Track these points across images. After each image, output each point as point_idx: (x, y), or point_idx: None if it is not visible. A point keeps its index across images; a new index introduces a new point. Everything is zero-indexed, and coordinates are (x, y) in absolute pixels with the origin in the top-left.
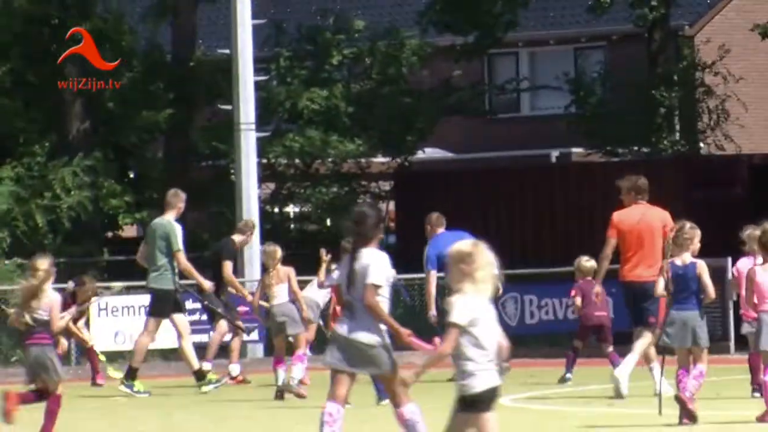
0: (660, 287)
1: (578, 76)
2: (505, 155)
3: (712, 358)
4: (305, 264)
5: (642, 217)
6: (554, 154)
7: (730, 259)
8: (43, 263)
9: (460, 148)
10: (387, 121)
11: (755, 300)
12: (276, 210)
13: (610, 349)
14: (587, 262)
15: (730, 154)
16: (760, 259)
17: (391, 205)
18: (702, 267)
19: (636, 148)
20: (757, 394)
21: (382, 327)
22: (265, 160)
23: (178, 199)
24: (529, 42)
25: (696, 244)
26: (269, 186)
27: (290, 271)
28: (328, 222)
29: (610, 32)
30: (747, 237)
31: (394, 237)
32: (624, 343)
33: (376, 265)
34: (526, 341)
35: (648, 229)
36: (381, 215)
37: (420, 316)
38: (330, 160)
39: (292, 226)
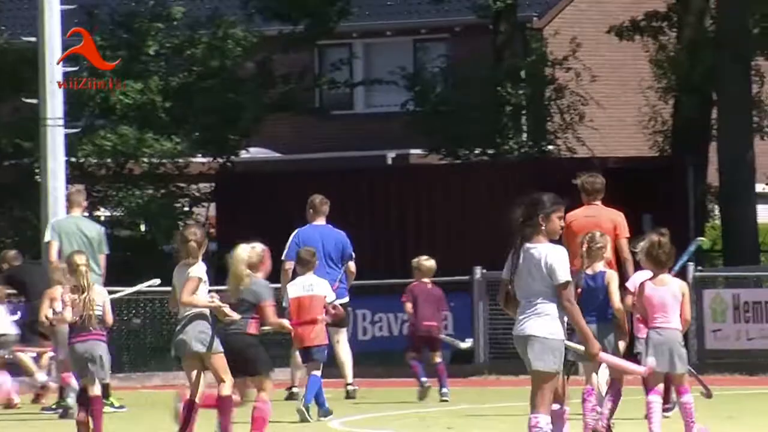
0: None
1: (417, 70)
2: (338, 156)
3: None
4: (119, 272)
5: (592, 218)
6: (390, 155)
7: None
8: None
9: (289, 148)
10: (208, 118)
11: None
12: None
13: (438, 360)
14: (427, 261)
15: (581, 156)
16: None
17: (212, 209)
18: (610, 276)
19: (480, 149)
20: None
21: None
22: (74, 159)
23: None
24: (365, 32)
25: (609, 253)
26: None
27: None
28: (143, 227)
29: (453, 23)
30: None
31: (215, 244)
32: None
33: (561, 261)
34: (358, 359)
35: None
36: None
37: None
38: (145, 159)
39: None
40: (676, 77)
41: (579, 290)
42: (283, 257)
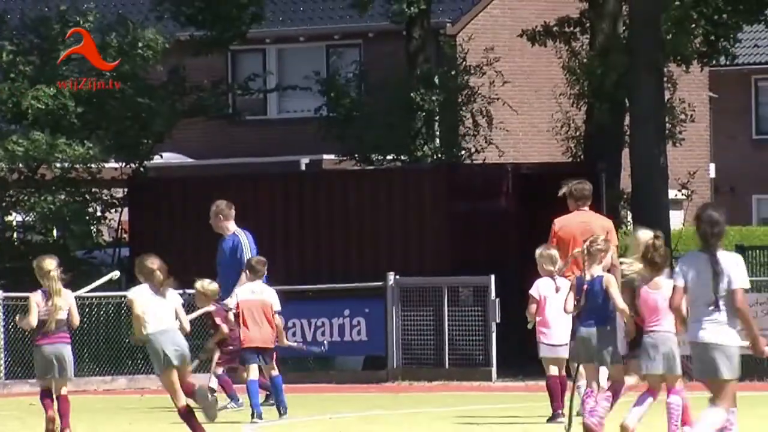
0: (569, 304)
1: (331, 76)
2: (252, 161)
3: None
4: (33, 278)
5: (582, 224)
6: (304, 161)
7: (493, 277)
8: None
9: (203, 154)
10: (120, 123)
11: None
12: None
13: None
14: (210, 284)
15: (494, 162)
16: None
17: (125, 214)
18: (608, 279)
19: (393, 155)
20: (563, 420)
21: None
22: None
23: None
24: (278, 38)
25: (608, 258)
26: None
27: None
28: (55, 233)
29: (366, 29)
30: (539, 256)
31: (127, 250)
32: None
33: (741, 268)
34: None
35: (589, 236)
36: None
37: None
38: (57, 165)
39: (15, 236)
40: (588, 83)
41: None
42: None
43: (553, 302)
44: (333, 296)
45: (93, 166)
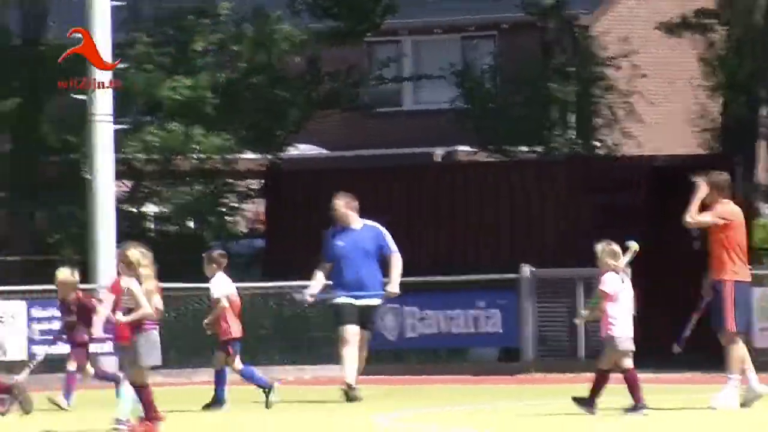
0: None
1: (466, 67)
2: (386, 153)
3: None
4: (166, 269)
5: (740, 214)
6: (438, 152)
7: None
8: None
9: (337, 145)
10: (256, 114)
11: None
12: (133, 210)
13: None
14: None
15: (630, 155)
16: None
17: (260, 205)
18: None
19: (527, 146)
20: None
21: None
22: (121, 156)
23: None
24: (413, 29)
25: None
26: (126, 184)
27: None
28: (192, 224)
29: (501, 20)
30: (601, 252)
31: (263, 240)
32: None
33: None
34: (406, 356)
35: (742, 225)
36: None
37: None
38: (193, 156)
39: (152, 227)
40: (724, 75)
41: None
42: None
43: (622, 296)
44: (467, 288)
45: (229, 157)
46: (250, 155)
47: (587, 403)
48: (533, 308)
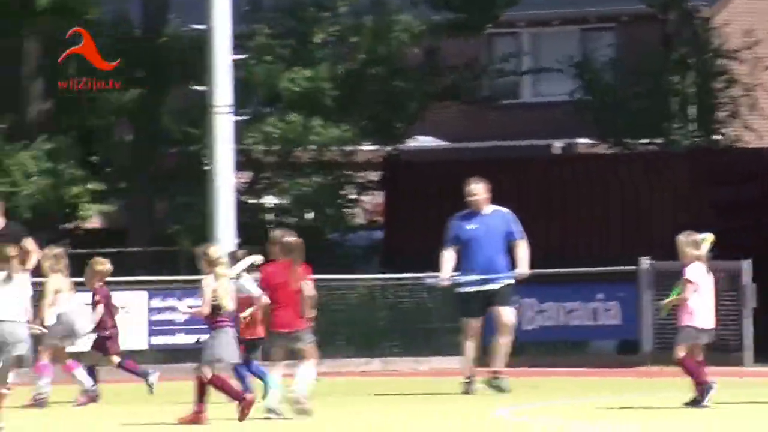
0: None
1: (585, 59)
2: (504, 145)
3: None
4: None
5: None
6: (558, 144)
7: (748, 262)
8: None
9: (456, 137)
10: (375, 106)
11: None
12: (253, 201)
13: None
14: (103, 265)
15: (752, 147)
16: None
17: (379, 197)
18: None
19: (647, 139)
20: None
21: None
22: (240, 147)
23: None
24: (532, 21)
25: None
26: (244, 174)
27: None
28: (309, 215)
29: (620, 12)
30: (684, 243)
31: (381, 232)
32: None
33: None
34: (524, 349)
35: None
36: None
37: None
38: (312, 147)
39: (271, 217)
40: None
41: None
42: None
43: (705, 287)
44: (586, 280)
45: (347, 148)
46: (368, 147)
47: (698, 399)
48: (652, 301)
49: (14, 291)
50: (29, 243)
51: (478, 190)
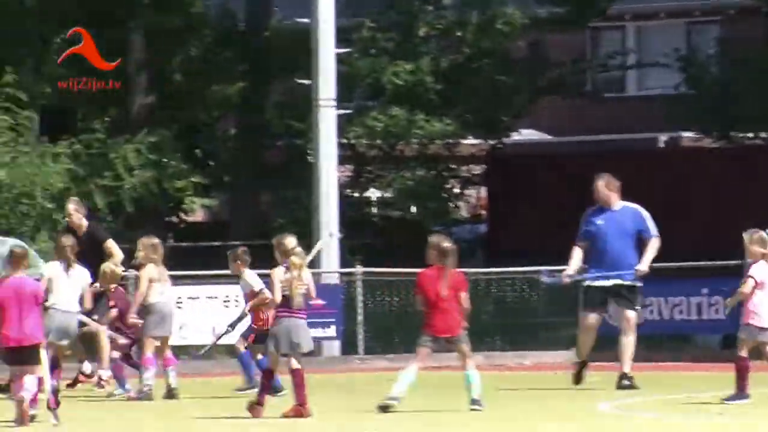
0: None
1: (691, 52)
2: (609, 138)
3: None
4: (389, 253)
5: None
6: (662, 138)
7: None
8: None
9: (559, 131)
10: (478, 100)
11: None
12: (356, 194)
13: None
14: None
15: None
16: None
17: (482, 191)
18: None
19: (752, 133)
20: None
21: None
22: (344, 141)
23: None
24: (637, 15)
25: None
26: (347, 168)
27: None
28: (413, 208)
29: (727, 6)
30: (749, 240)
31: (485, 226)
32: None
33: None
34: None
35: None
36: None
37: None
38: (415, 141)
39: (374, 211)
40: None
41: None
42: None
43: (766, 285)
44: (691, 275)
45: (451, 142)
46: (472, 140)
47: (738, 396)
48: None
49: (71, 282)
50: (111, 244)
51: (599, 186)
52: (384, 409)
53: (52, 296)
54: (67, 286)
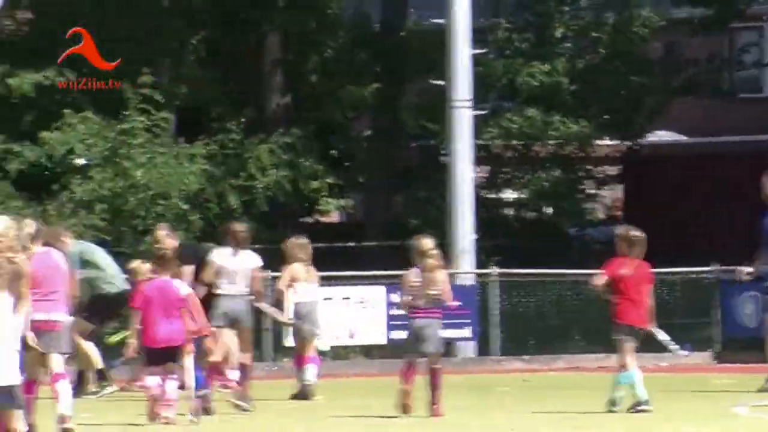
0: None
1: None
2: (748, 140)
3: None
4: (524, 254)
5: None
6: None
7: None
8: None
9: (695, 131)
10: (614, 101)
11: None
12: (492, 196)
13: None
14: (144, 263)
15: None
16: None
17: (618, 192)
18: None
19: None
20: None
21: None
22: (479, 142)
23: None
24: None
25: None
26: (483, 169)
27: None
28: (549, 210)
29: None
30: None
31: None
32: None
33: None
34: (756, 343)
35: None
36: None
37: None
38: (551, 142)
39: (510, 212)
40: None
41: None
42: None
43: None
44: None
45: (587, 143)
46: (607, 141)
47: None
48: None
49: (239, 267)
50: (188, 270)
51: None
52: (640, 411)
53: (220, 281)
54: (235, 272)
